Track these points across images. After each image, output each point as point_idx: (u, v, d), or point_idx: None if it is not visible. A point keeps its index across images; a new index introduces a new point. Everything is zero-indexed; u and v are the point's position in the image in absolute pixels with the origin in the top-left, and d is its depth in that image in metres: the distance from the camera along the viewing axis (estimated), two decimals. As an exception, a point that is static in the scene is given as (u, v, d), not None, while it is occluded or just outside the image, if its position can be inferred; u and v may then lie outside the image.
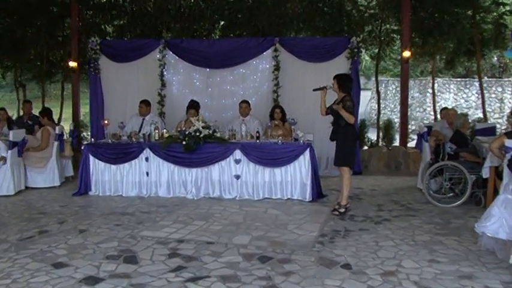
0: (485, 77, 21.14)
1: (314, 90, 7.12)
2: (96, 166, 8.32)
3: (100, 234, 5.99)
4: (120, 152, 8.22)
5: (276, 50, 10.13)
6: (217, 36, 12.32)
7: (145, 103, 9.49)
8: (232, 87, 10.48)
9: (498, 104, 18.80)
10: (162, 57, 10.47)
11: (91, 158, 8.32)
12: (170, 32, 12.05)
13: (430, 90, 19.56)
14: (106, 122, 8.56)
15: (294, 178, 7.80)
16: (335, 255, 5.21)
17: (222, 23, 12.47)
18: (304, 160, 7.72)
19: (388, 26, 12.11)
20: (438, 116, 12.27)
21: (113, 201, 7.89)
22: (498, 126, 10.86)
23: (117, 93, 10.73)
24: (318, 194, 7.78)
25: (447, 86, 19.36)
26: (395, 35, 12.20)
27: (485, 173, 6.98)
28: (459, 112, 9.16)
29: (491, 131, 9.15)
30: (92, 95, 10.85)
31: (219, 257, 5.13)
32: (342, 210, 6.88)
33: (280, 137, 8.21)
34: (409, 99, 20.15)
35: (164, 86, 10.52)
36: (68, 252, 5.32)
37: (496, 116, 18.23)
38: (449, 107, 18.88)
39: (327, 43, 10.19)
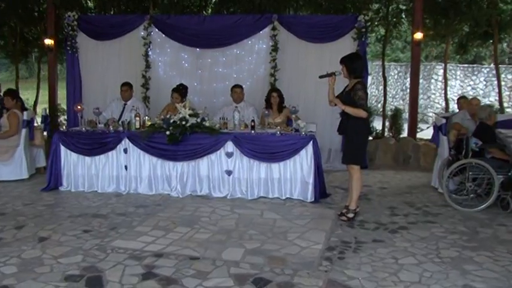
0: (492, 64, 20.17)
1: (321, 77, 6.04)
2: (68, 158, 7.30)
3: (63, 244, 4.99)
4: (95, 142, 7.19)
5: (274, 29, 9.06)
6: (209, 13, 11.19)
7: (129, 86, 8.43)
8: (224, 70, 9.42)
9: (507, 92, 17.79)
10: (147, 35, 9.40)
11: (62, 148, 7.29)
12: (157, 8, 10.95)
13: (435, 77, 18.63)
14: (79, 107, 7.50)
15: (294, 175, 6.80)
16: (347, 277, 4.24)
17: (215, -1, 11.39)
18: (307, 155, 6.71)
19: (395, 5, 11.02)
20: (451, 105, 11.33)
21: (86, 198, 6.88)
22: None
23: (96, 74, 9.69)
24: (321, 193, 6.79)
25: (453, 72, 18.31)
26: (403, 16, 11.17)
27: (517, 173, 6.04)
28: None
29: (513, 123, 8.12)
30: (68, 77, 9.77)
31: (204, 279, 4.14)
32: (351, 215, 5.89)
33: (279, 127, 7.20)
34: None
35: (149, 67, 9.47)
36: (18, 270, 4.31)
37: (506, 105, 17.24)
38: (457, 94, 18.06)
39: (332, 22, 9.11)
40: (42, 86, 12.18)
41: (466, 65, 19.04)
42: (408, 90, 19.72)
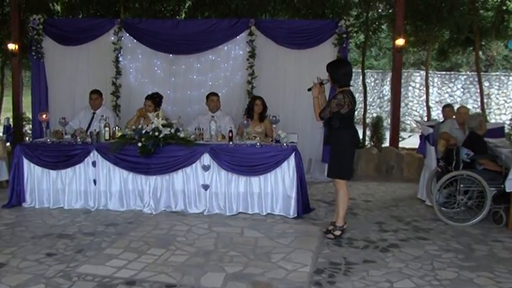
0: (468, 72, 20.15)
1: (310, 90, 5.63)
2: (32, 171, 6.76)
3: (23, 271, 4.48)
4: (61, 155, 6.65)
5: (251, 34, 8.63)
6: (182, 18, 10.73)
7: (99, 93, 7.90)
8: (199, 77, 8.92)
9: (485, 100, 17.71)
10: (118, 40, 8.87)
11: (25, 161, 6.75)
12: (128, 13, 10.44)
13: (413, 84, 18.49)
14: (44, 116, 6.96)
15: (275, 189, 6.38)
16: (341, 306, 3.83)
17: (189, 3, 10.91)
18: (289, 167, 6.30)
19: (375, 10, 10.74)
20: (433, 114, 11.08)
21: (51, 216, 6.35)
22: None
23: (64, 81, 9.10)
24: (304, 208, 6.37)
25: (431, 79, 18.15)
26: (382, 21, 10.89)
27: (510, 186, 5.72)
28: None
29: (499, 131, 7.84)
30: (34, 84, 9.17)
31: (182, 311, 3.69)
32: (338, 233, 5.49)
33: (258, 137, 6.79)
34: (389, 93, 19.08)
35: (120, 74, 8.94)
36: (-32, 305, 3.80)
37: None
38: (435, 102, 17.92)
39: (311, 27, 8.72)
40: (6, 93, 11.55)
41: (443, 72, 18.93)
42: (385, 97, 19.94)
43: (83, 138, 6.82)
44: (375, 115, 16.84)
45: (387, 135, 9.87)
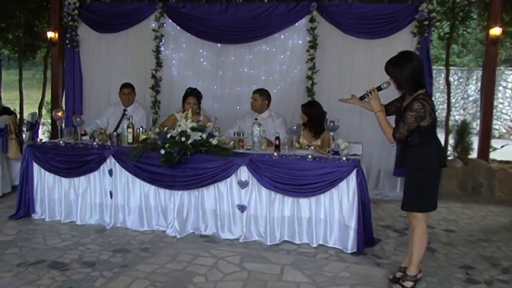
0: None
1: (361, 98, 4.21)
2: (42, 178, 5.75)
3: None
4: (74, 160, 5.57)
5: (312, 20, 7.22)
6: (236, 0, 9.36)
7: (132, 88, 6.79)
8: (251, 70, 7.63)
9: None
10: (159, 26, 7.74)
11: (35, 166, 5.74)
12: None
13: (504, 83, 16.35)
14: (60, 113, 5.90)
15: (329, 215, 4.97)
16: None
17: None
18: (348, 188, 4.86)
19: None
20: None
21: (57, 234, 5.28)
22: None
23: (99, 73, 8.12)
24: (366, 240, 4.93)
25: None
26: (472, 8, 9.17)
27: None
28: None
29: None
30: (67, 76, 8.22)
31: None
32: (409, 284, 4.03)
33: (313, 148, 5.42)
34: (474, 94, 17.02)
35: (160, 66, 7.82)
36: None
37: None
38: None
39: (385, 12, 7.15)
40: (49, 85, 10.75)
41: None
42: (470, 98, 17.85)
43: (102, 141, 5.71)
44: (457, 118, 15.01)
45: (474, 143, 8.20)
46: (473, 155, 8.15)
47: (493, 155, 8.44)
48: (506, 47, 12.23)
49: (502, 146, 9.03)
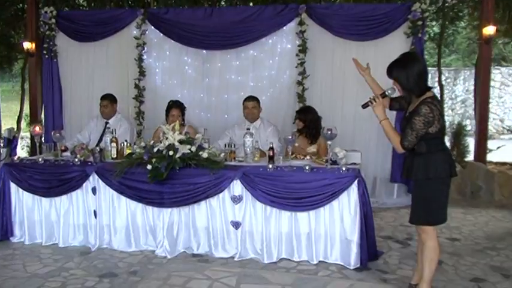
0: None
1: (364, 107, 3.92)
2: (20, 199, 5.36)
3: None
4: (54, 179, 5.19)
5: (301, 23, 6.95)
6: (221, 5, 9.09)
7: (109, 99, 6.44)
8: (238, 77, 7.35)
9: None
10: (141, 34, 7.43)
11: (12, 185, 5.35)
12: (159, 3, 8.95)
13: (492, 82, 16.19)
14: (38, 128, 5.54)
15: (330, 230, 4.65)
16: None
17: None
18: (349, 201, 4.56)
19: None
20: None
21: (38, 259, 4.91)
22: None
23: (79, 84, 7.80)
24: (369, 254, 4.63)
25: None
26: (461, 8, 9.00)
27: None
28: None
29: None
30: (45, 88, 7.87)
31: None
32: (423, 304, 3.74)
33: (308, 158, 5.12)
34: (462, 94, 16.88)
35: (144, 75, 7.52)
36: None
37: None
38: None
39: (377, 12, 6.89)
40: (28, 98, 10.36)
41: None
42: (458, 99, 17.72)
43: (84, 156, 5.36)
44: (446, 118, 14.88)
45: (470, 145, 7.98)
46: (470, 157, 7.93)
47: (489, 157, 8.23)
48: (498, 47, 12.12)
49: (499, 147, 8.83)
